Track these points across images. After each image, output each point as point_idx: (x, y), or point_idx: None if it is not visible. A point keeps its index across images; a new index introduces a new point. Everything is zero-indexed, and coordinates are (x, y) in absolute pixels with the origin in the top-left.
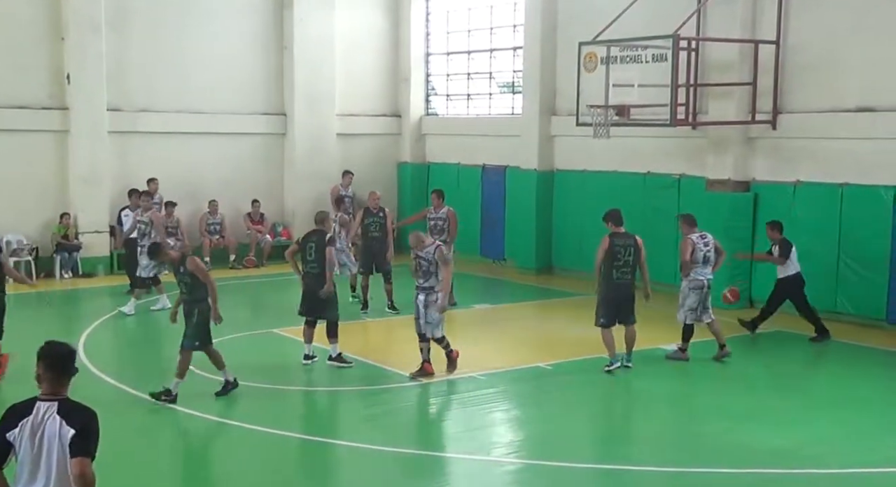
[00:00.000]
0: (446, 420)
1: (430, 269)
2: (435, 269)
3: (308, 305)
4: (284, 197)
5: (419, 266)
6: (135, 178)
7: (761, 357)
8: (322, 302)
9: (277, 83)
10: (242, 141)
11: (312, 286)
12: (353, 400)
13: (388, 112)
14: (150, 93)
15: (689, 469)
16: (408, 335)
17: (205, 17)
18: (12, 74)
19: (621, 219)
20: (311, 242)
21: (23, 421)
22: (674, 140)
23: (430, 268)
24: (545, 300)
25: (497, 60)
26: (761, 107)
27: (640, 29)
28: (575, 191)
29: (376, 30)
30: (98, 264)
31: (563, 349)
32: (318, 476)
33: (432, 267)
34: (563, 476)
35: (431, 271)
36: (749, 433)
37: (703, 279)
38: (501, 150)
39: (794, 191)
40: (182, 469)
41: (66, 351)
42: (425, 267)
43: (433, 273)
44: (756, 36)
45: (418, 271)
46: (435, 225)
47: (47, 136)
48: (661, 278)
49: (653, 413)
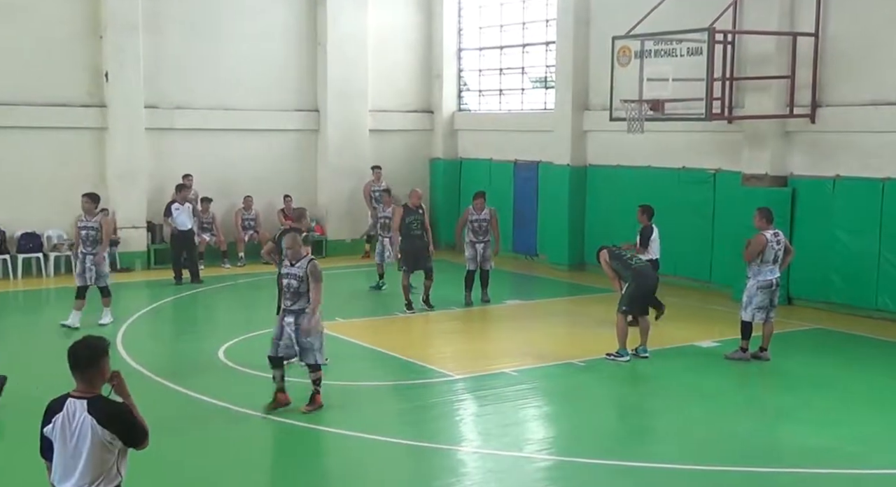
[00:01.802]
0: (478, 416)
1: (300, 289)
2: (306, 288)
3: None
4: (317, 192)
5: (288, 286)
6: (171, 175)
7: (798, 354)
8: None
9: (311, 80)
10: (276, 137)
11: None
12: (388, 396)
13: (420, 108)
14: (186, 91)
15: (723, 468)
16: (442, 329)
17: (239, 15)
18: (52, 73)
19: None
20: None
21: (55, 418)
22: (709, 134)
23: (300, 288)
24: (577, 296)
25: (529, 55)
26: (799, 100)
27: (675, 22)
28: (608, 187)
29: (409, 26)
30: (136, 259)
31: (596, 345)
32: (351, 470)
33: (303, 285)
34: (594, 473)
35: (302, 291)
36: (785, 431)
37: (772, 278)
38: (534, 146)
39: (833, 186)
40: (214, 461)
41: (87, 348)
42: (295, 286)
43: (304, 293)
44: (794, 28)
45: (287, 291)
46: (479, 226)
47: (86, 134)
48: (695, 274)
49: (686, 410)
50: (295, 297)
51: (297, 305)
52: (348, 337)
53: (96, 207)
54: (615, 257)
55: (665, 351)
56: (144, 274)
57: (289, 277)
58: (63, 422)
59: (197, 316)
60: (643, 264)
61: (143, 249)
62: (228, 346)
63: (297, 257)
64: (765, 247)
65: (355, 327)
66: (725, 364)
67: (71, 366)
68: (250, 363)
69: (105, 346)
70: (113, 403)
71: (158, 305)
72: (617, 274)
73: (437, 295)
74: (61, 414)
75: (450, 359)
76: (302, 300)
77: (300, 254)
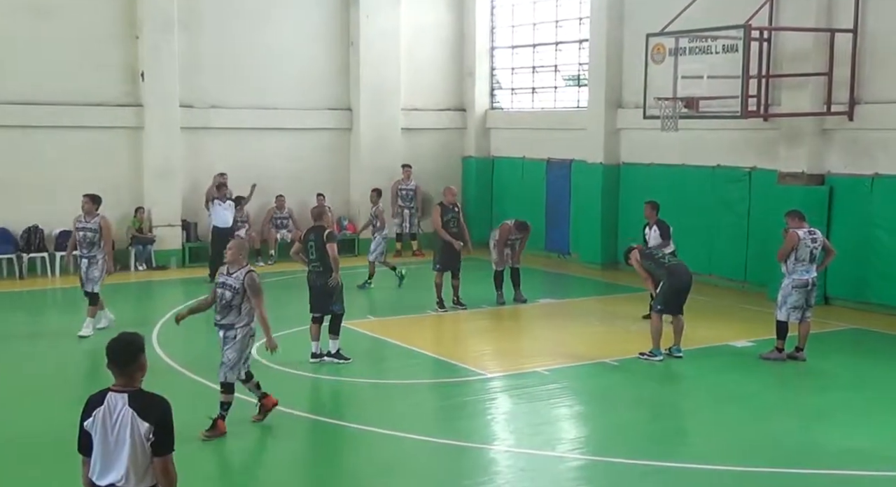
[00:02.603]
0: (510, 415)
1: (232, 301)
2: (240, 301)
3: (314, 303)
4: (350, 191)
5: (220, 296)
6: (205, 173)
7: (835, 355)
8: (328, 298)
9: (343, 78)
10: (309, 136)
11: (316, 284)
12: (420, 394)
13: (452, 106)
14: (220, 90)
15: (759, 469)
16: (474, 328)
17: (273, 15)
18: (89, 73)
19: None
20: (311, 240)
21: (96, 411)
22: (744, 132)
23: (233, 300)
24: (610, 295)
25: (562, 53)
26: (837, 97)
27: (710, 19)
28: (641, 185)
29: (441, 24)
30: (171, 256)
31: (629, 344)
32: (383, 468)
33: (236, 298)
34: (627, 473)
35: (234, 305)
36: (822, 433)
37: (808, 277)
38: (567, 144)
39: (871, 184)
40: (248, 458)
41: (124, 344)
42: (228, 297)
43: (236, 307)
44: (832, 24)
45: (218, 303)
46: (513, 243)
47: (122, 133)
48: (730, 274)
49: (720, 410)
50: (225, 310)
51: (227, 320)
52: (380, 335)
53: (97, 209)
54: (647, 257)
55: (699, 350)
56: (179, 272)
57: (223, 287)
58: (104, 416)
59: None
60: (676, 262)
61: (177, 247)
62: (262, 343)
63: (236, 264)
64: (797, 245)
65: (387, 325)
66: (760, 364)
67: (109, 363)
68: (282, 360)
69: (141, 342)
70: (154, 396)
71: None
72: (650, 274)
73: (469, 294)
74: (102, 408)
75: (482, 358)
76: (232, 314)
77: (241, 263)
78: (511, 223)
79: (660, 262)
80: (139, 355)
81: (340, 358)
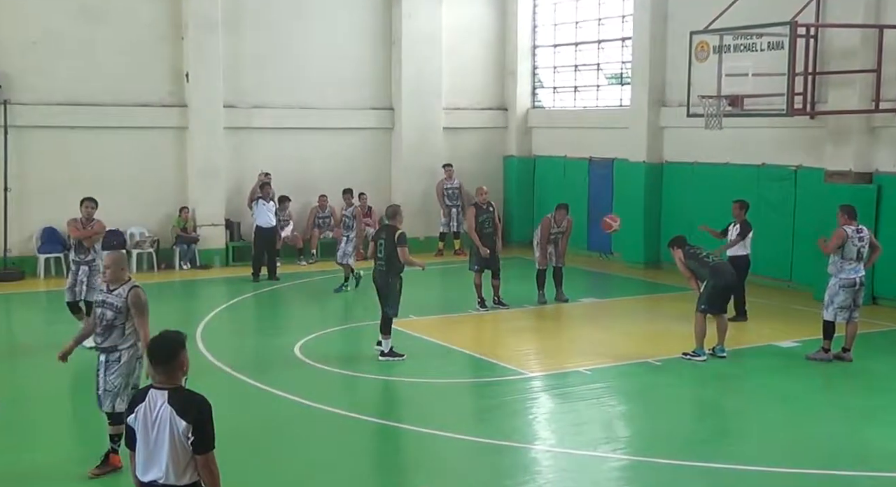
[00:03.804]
0: (552, 415)
1: (115, 321)
2: (123, 321)
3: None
4: (392, 190)
5: (101, 316)
6: (249, 173)
7: (882, 355)
8: (384, 298)
9: (385, 78)
10: (351, 135)
11: (379, 283)
12: (462, 393)
13: (494, 105)
14: (263, 90)
15: (805, 471)
16: (515, 327)
17: (315, 14)
18: (136, 73)
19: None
20: (381, 239)
21: (138, 408)
22: (790, 130)
23: (115, 320)
24: (653, 294)
25: (605, 51)
26: (886, 95)
27: (755, 16)
28: (685, 184)
29: (483, 23)
30: (215, 255)
31: (672, 344)
32: (425, 467)
33: (119, 318)
34: (670, 474)
35: (116, 325)
36: (869, 434)
37: (856, 276)
38: (609, 143)
39: None
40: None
41: (163, 342)
42: (109, 318)
43: (118, 327)
44: (880, 21)
45: (98, 323)
46: (555, 238)
47: (167, 133)
48: (776, 273)
49: (765, 411)
50: (106, 332)
51: (109, 342)
52: (422, 335)
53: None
54: (690, 256)
55: (743, 350)
56: (222, 271)
57: (103, 306)
58: (145, 412)
59: (274, 312)
60: (720, 262)
61: (221, 246)
62: (304, 342)
63: (118, 280)
64: (845, 242)
65: (429, 324)
66: (806, 364)
67: (150, 361)
68: (326, 359)
69: (182, 339)
70: (193, 394)
71: (237, 301)
72: (693, 274)
73: (511, 293)
74: (143, 405)
75: (523, 357)
76: (114, 335)
77: (122, 278)
78: (550, 215)
79: (704, 262)
80: (180, 353)
81: (394, 356)
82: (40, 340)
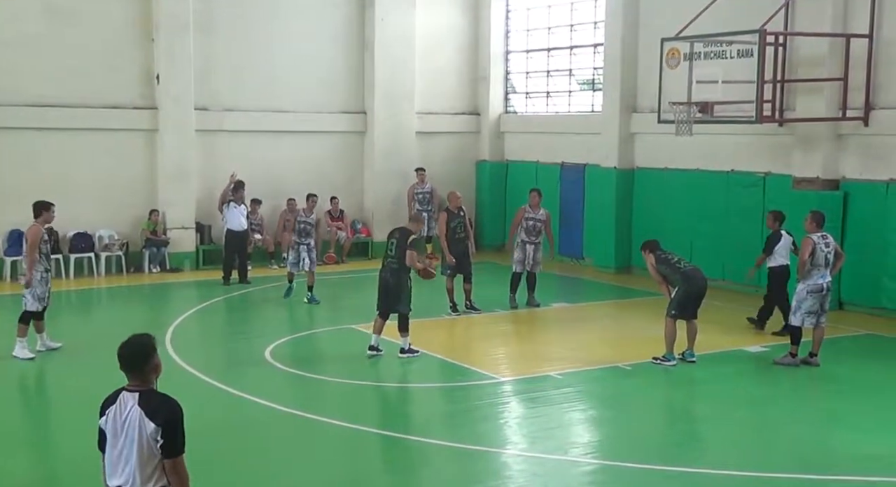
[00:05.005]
0: (523, 419)
1: None
2: None
3: (383, 300)
4: (364, 194)
5: None
6: (220, 176)
7: (849, 360)
8: (396, 298)
9: (358, 82)
10: (323, 139)
11: (388, 281)
12: (432, 397)
13: (467, 110)
14: (235, 93)
15: (773, 475)
16: (487, 332)
17: (288, 17)
18: (106, 75)
19: None
20: (394, 238)
21: (108, 410)
22: (759, 137)
23: None
24: (624, 299)
25: (577, 57)
26: (852, 102)
27: (725, 24)
28: (655, 190)
29: (456, 28)
30: (185, 259)
31: (642, 349)
32: (396, 471)
33: None
34: (640, 478)
35: None
36: (836, 438)
37: (823, 282)
38: (581, 148)
39: (886, 189)
40: (264, 461)
41: (136, 348)
42: None
43: None
44: (847, 30)
45: None
46: (534, 226)
47: (137, 135)
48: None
49: (734, 415)
50: None
51: None
52: (394, 339)
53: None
54: (662, 261)
55: (713, 355)
56: (193, 275)
57: None
58: (115, 415)
59: (245, 316)
60: (691, 267)
61: (191, 250)
62: (275, 346)
63: None
64: (813, 250)
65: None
66: (774, 369)
67: (122, 367)
68: (297, 363)
69: (153, 343)
70: (164, 397)
71: (207, 305)
72: (664, 279)
73: (483, 298)
74: (114, 407)
75: (495, 362)
76: None
77: None
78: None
79: (675, 267)
80: (151, 357)
81: (411, 353)
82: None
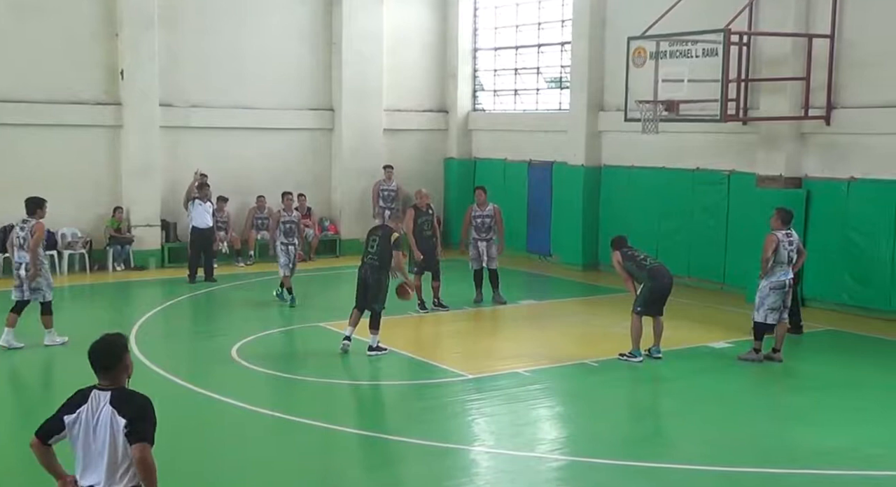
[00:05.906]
0: (491, 416)
1: None
2: None
3: (361, 296)
4: (331, 191)
5: None
6: (186, 173)
7: (811, 356)
8: (374, 296)
9: (325, 79)
10: (290, 136)
11: (367, 278)
12: (400, 395)
13: (434, 107)
14: (201, 89)
15: (737, 469)
16: (455, 329)
17: (254, 14)
18: (69, 70)
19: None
20: (376, 235)
21: (80, 409)
22: (724, 136)
23: None
24: (591, 296)
25: (545, 56)
26: (814, 102)
27: (690, 23)
28: (622, 187)
29: (424, 25)
30: (150, 257)
31: (609, 345)
32: (364, 469)
33: None
34: (607, 474)
35: None
36: (799, 432)
37: (785, 279)
38: (548, 146)
39: (847, 188)
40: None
41: (107, 348)
42: None
43: None
44: (810, 30)
45: None
46: (482, 222)
47: (101, 131)
48: (709, 276)
49: (699, 411)
50: None
51: None
52: (362, 337)
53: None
54: (628, 258)
55: (678, 351)
56: (158, 273)
57: None
58: (87, 414)
59: (210, 314)
60: (657, 265)
61: (156, 247)
62: (241, 345)
63: None
64: (777, 247)
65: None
66: (738, 365)
67: (93, 367)
68: (264, 362)
69: (124, 342)
70: (134, 394)
71: (172, 303)
72: (630, 276)
73: (451, 295)
74: (86, 406)
75: (462, 359)
76: None
77: None
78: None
79: (641, 264)
80: (124, 355)
81: (380, 351)
82: None
